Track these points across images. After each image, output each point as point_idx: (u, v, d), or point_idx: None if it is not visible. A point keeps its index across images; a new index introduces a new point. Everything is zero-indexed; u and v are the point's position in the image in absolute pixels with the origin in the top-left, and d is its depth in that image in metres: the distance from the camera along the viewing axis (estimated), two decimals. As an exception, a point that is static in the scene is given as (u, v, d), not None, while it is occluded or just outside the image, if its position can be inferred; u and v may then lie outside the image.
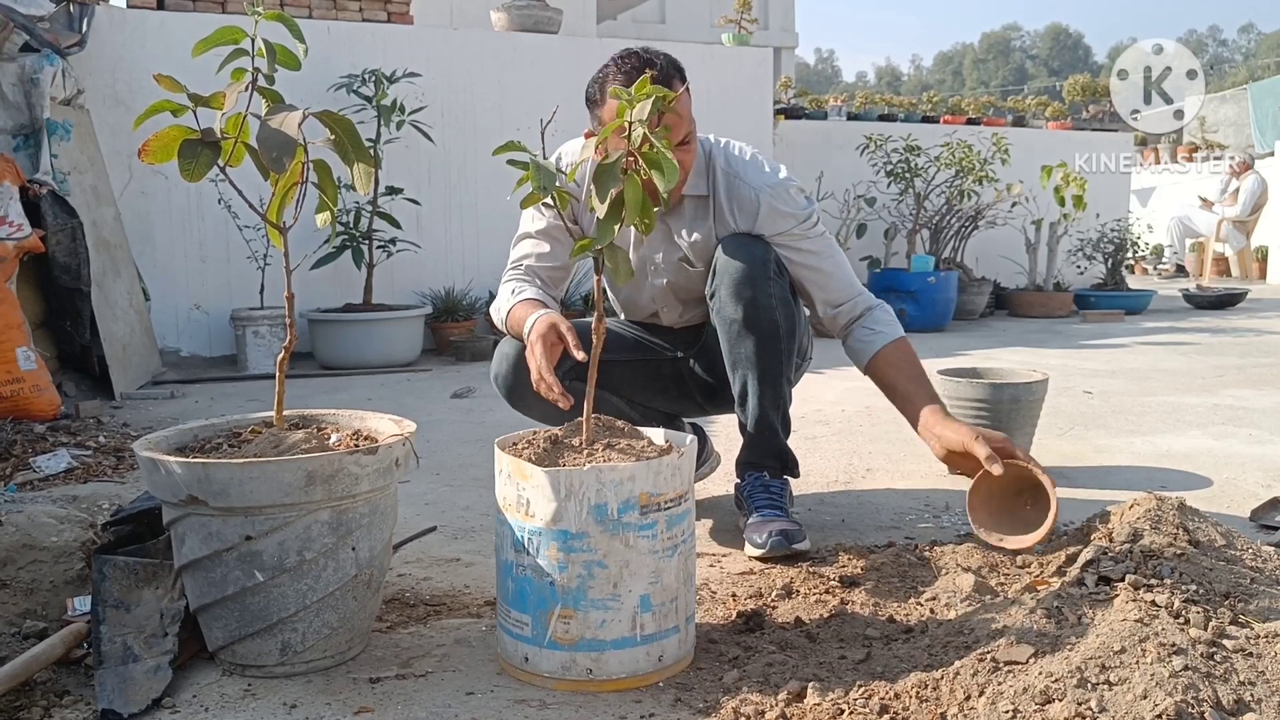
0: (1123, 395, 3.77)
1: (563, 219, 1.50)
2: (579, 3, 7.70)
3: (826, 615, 1.60)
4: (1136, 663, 1.15)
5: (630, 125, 1.35)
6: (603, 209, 1.36)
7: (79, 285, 3.61)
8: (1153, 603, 1.28)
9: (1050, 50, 62.09)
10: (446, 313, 5.12)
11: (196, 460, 1.36)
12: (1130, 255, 7.52)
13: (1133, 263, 8.89)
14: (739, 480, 2.10)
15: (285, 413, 1.55)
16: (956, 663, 1.28)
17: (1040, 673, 1.17)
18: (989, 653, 1.26)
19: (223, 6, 5.13)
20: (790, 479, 2.10)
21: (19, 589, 1.60)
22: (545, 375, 1.69)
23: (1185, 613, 1.26)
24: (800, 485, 2.39)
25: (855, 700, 1.26)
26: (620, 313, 2.31)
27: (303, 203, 1.45)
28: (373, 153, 4.63)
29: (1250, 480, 2.52)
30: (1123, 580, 1.37)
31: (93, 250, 3.69)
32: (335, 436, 1.52)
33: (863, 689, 1.29)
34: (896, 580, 1.77)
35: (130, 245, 4.52)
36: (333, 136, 1.40)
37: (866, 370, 2.04)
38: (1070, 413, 3.42)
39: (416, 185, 5.20)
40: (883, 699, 1.26)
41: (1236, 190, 10.09)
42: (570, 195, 1.87)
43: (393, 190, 4.89)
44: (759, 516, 1.97)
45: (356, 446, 1.45)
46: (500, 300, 2.04)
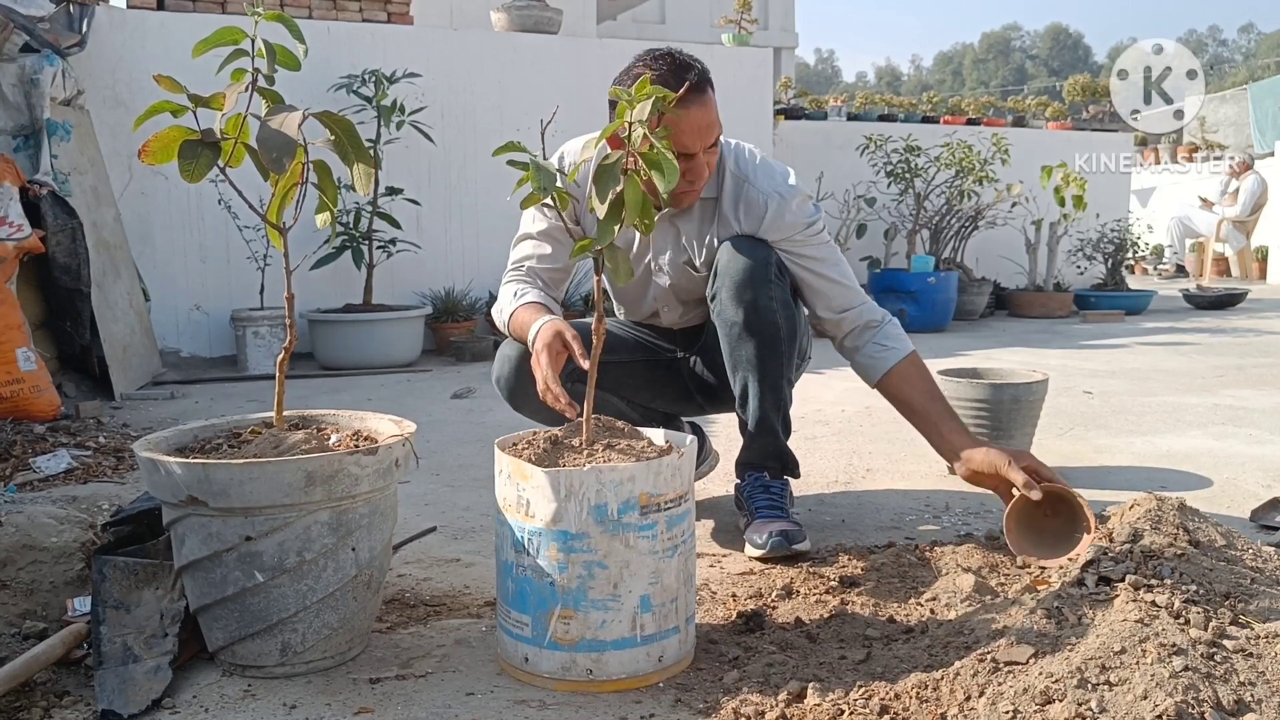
0: (1123, 395, 3.77)
1: (563, 219, 1.50)
2: (579, 3, 7.70)
3: (827, 615, 1.60)
4: (1137, 663, 1.15)
5: (630, 125, 1.35)
6: (603, 209, 1.36)
7: (79, 286, 3.61)
8: (1153, 603, 1.28)
9: (1050, 50, 62.09)
10: (446, 313, 5.12)
11: (196, 461, 1.36)
12: (1130, 255, 7.52)
13: (1133, 263, 8.89)
14: (739, 481, 2.10)
15: (285, 413, 1.55)
16: (957, 663, 1.28)
17: (1040, 673, 1.17)
18: (989, 653, 1.26)
19: (223, 7, 5.13)
20: (790, 479, 2.10)
21: (19, 589, 1.60)
22: (551, 385, 1.68)
23: (1185, 613, 1.26)
24: (800, 485, 2.39)
25: (855, 701, 1.26)
26: (620, 312, 2.31)
27: (303, 203, 1.45)
28: (373, 153, 4.63)
29: (1250, 480, 2.52)
30: (1123, 580, 1.37)
31: (93, 251, 3.69)
32: (335, 437, 1.52)
33: (863, 689, 1.29)
34: (897, 580, 1.77)
35: (130, 246, 4.53)
36: (333, 137, 1.40)
37: (878, 386, 2.02)
38: (1070, 413, 3.42)
39: (416, 185, 5.20)
40: (883, 699, 1.26)
41: (1236, 190, 10.09)
42: (570, 196, 1.87)
43: (393, 191, 4.89)
44: (759, 517, 1.97)
45: (356, 447, 1.45)
46: (502, 302, 2.03)
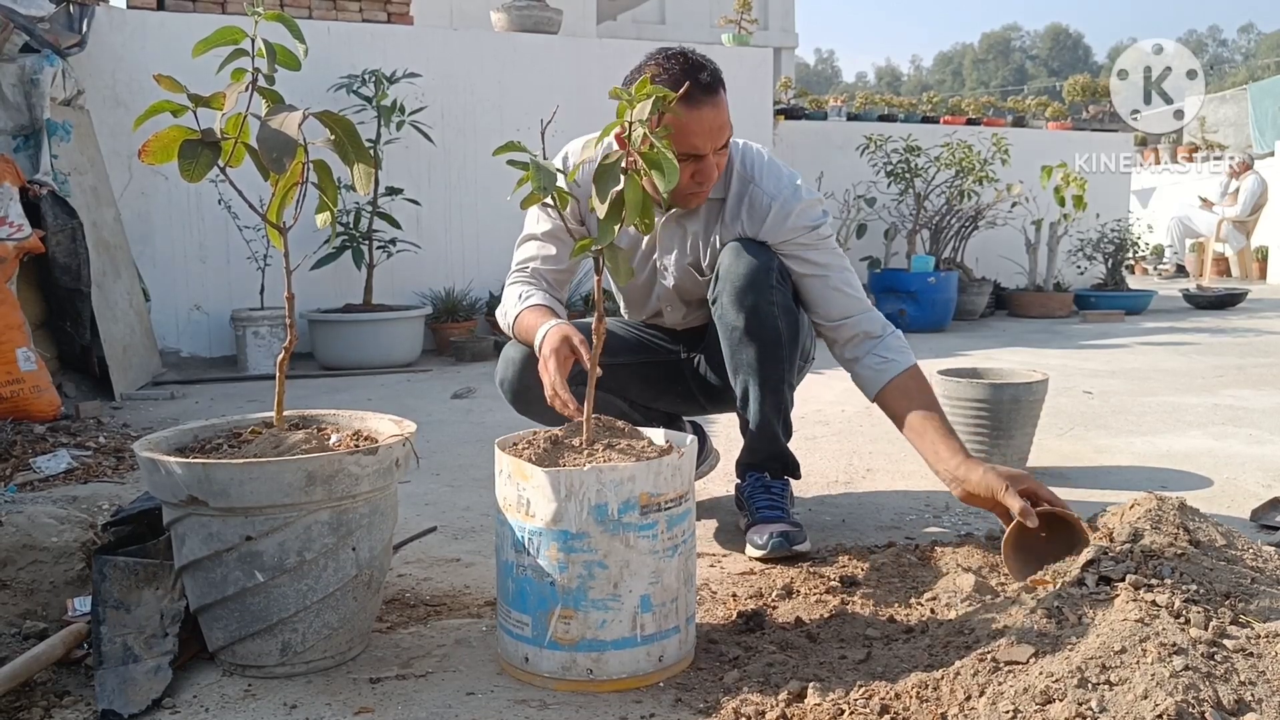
0: (1123, 395, 3.77)
1: (563, 219, 1.49)
2: (579, 3, 7.71)
3: (827, 615, 1.60)
4: (1137, 663, 1.15)
5: (630, 125, 1.35)
6: (603, 209, 1.36)
7: (79, 286, 3.62)
8: (1153, 603, 1.28)
9: (1050, 50, 62.09)
10: (447, 313, 5.12)
11: (197, 461, 1.36)
12: (1130, 255, 7.52)
13: (1133, 263, 8.89)
14: (740, 481, 2.11)
15: (285, 413, 1.55)
16: (957, 663, 1.27)
17: (1041, 673, 1.17)
18: (989, 653, 1.26)
19: (223, 7, 5.13)
20: (791, 480, 2.10)
21: (19, 589, 1.60)
22: (560, 392, 1.67)
23: (1186, 613, 1.26)
24: (800, 486, 2.39)
25: (856, 700, 1.26)
26: (624, 310, 2.30)
27: (303, 203, 1.45)
28: (373, 153, 4.63)
29: (1250, 480, 2.52)
30: (1123, 580, 1.37)
31: (93, 251, 3.69)
32: (335, 437, 1.52)
33: (863, 689, 1.29)
34: (897, 580, 1.77)
35: (130, 246, 4.53)
36: (333, 137, 1.40)
37: (876, 400, 1.95)
38: (1070, 413, 3.42)
39: (416, 186, 5.20)
40: (883, 699, 1.26)
41: (1236, 190, 10.09)
42: (572, 196, 1.87)
43: (393, 191, 4.89)
44: (760, 518, 1.97)
45: (357, 447, 1.45)
46: (507, 304, 2.02)
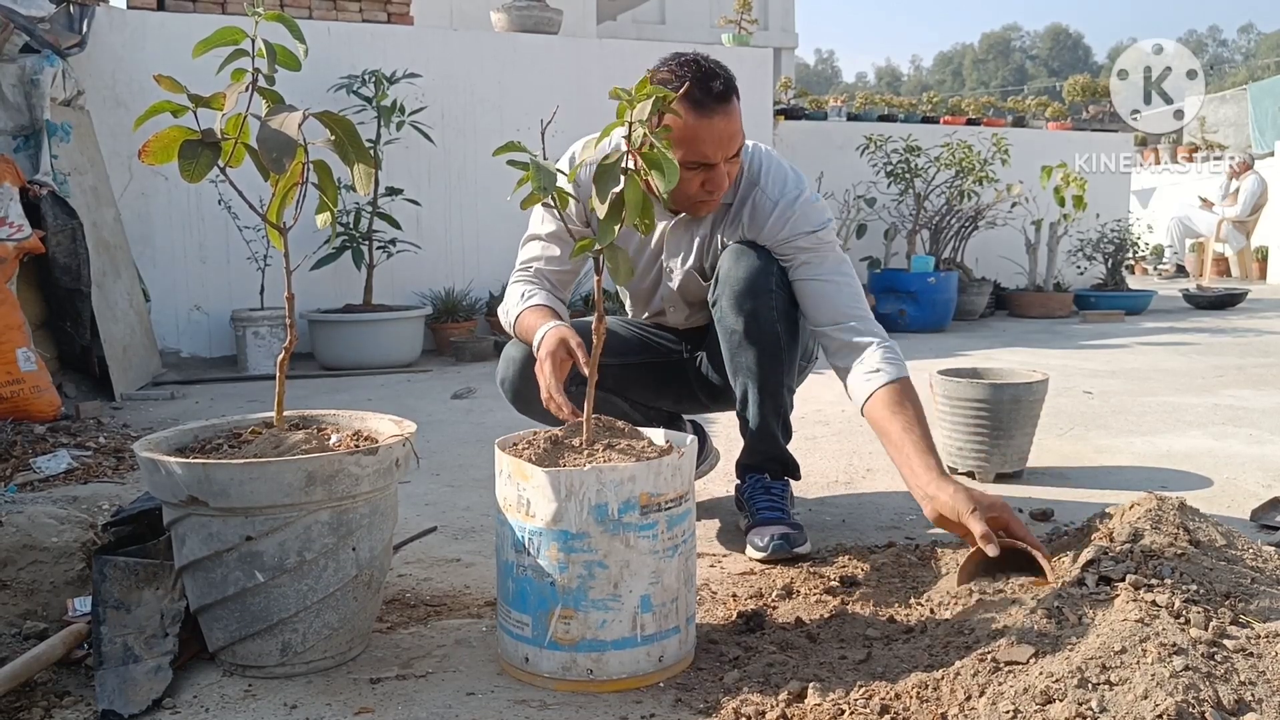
0: (1123, 395, 3.77)
1: (563, 219, 1.49)
2: (579, 3, 7.71)
3: (827, 615, 1.61)
4: (1137, 663, 1.15)
5: (630, 125, 1.35)
6: (603, 209, 1.36)
7: (79, 286, 3.62)
8: (1153, 603, 1.28)
9: (1050, 50, 62.10)
10: (447, 313, 5.12)
11: (197, 461, 1.36)
12: (1130, 255, 7.52)
13: (1133, 263, 8.89)
14: (740, 482, 2.11)
15: (285, 413, 1.55)
16: (957, 663, 1.27)
17: (1041, 673, 1.17)
18: (989, 653, 1.26)
19: (223, 7, 5.13)
20: (791, 480, 2.10)
21: (19, 590, 1.60)
22: (555, 395, 1.68)
23: (1186, 613, 1.26)
24: (800, 486, 2.39)
25: (856, 700, 1.26)
26: (628, 306, 2.30)
27: (303, 203, 1.45)
28: (373, 153, 4.63)
29: (1250, 480, 2.52)
30: (1123, 580, 1.37)
31: (93, 251, 3.69)
32: (335, 437, 1.52)
33: (863, 689, 1.29)
34: (897, 580, 1.77)
35: (130, 246, 4.53)
36: (333, 137, 1.40)
37: (864, 411, 1.87)
38: (1070, 413, 3.42)
39: (416, 186, 5.20)
40: (883, 699, 1.26)
41: (1236, 190, 10.09)
42: (573, 196, 1.87)
43: (393, 191, 4.89)
44: (760, 519, 1.97)
45: (357, 447, 1.45)
46: (509, 303, 2.02)
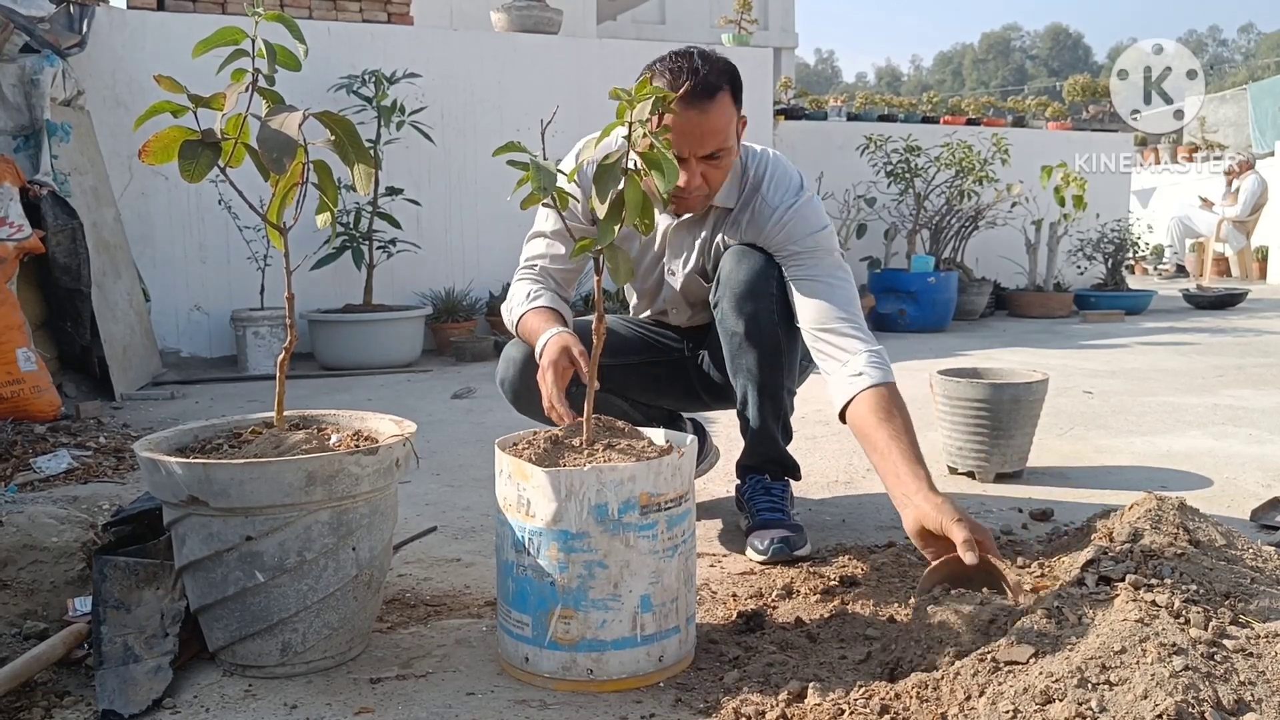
0: (1123, 395, 3.77)
1: (563, 219, 1.50)
2: (579, 3, 7.71)
3: (827, 615, 1.61)
4: (1137, 663, 1.15)
5: (631, 125, 1.35)
6: (603, 209, 1.36)
7: (79, 286, 3.62)
8: (1153, 603, 1.28)
9: (1050, 50, 62.10)
10: (447, 313, 5.12)
11: (197, 461, 1.36)
12: (1130, 255, 7.52)
13: (1133, 263, 8.89)
14: (740, 483, 2.11)
15: (286, 413, 1.55)
16: (957, 663, 1.27)
17: (1040, 673, 1.17)
18: (989, 653, 1.26)
19: (223, 7, 5.13)
20: (791, 481, 2.10)
21: (20, 589, 1.60)
22: (556, 404, 1.67)
23: (1185, 613, 1.26)
24: (801, 486, 2.39)
25: (856, 700, 1.26)
26: (631, 303, 2.29)
27: (303, 203, 1.45)
28: (373, 153, 4.63)
29: (1250, 480, 2.52)
30: (1123, 580, 1.37)
31: (93, 251, 3.69)
32: (335, 437, 1.52)
33: (863, 689, 1.29)
34: (897, 580, 1.77)
35: (130, 246, 4.53)
36: (333, 137, 1.40)
37: (845, 415, 1.80)
38: (1070, 413, 3.42)
39: (416, 186, 5.20)
40: (883, 699, 1.26)
41: (1236, 190, 10.09)
42: (574, 195, 1.87)
43: (393, 191, 4.89)
44: (761, 520, 1.97)
45: (357, 447, 1.45)
46: (513, 301, 2.01)
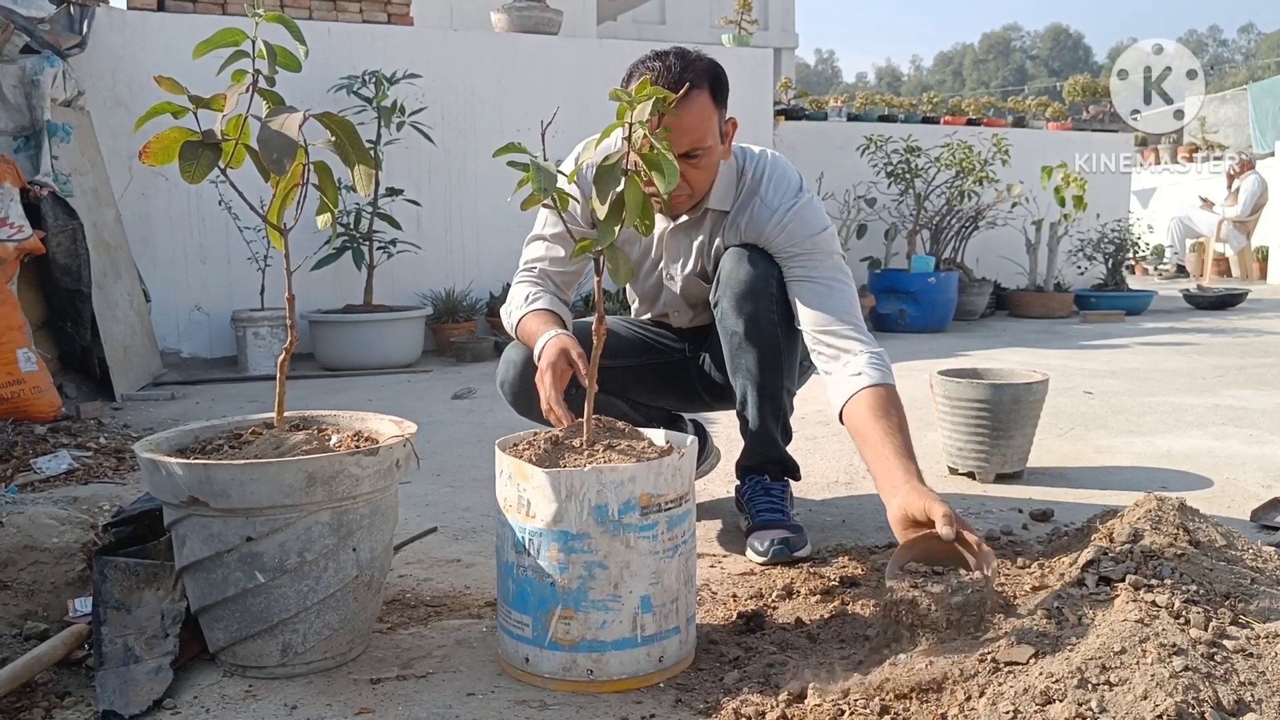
0: (1123, 395, 3.77)
1: (563, 220, 1.50)
2: (579, 4, 7.71)
3: (827, 616, 1.61)
4: (1137, 663, 1.15)
5: (630, 126, 1.35)
6: (603, 210, 1.36)
7: (79, 287, 3.62)
8: (1153, 603, 1.28)
9: (1050, 50, 62.10)
10: (447, 314, 5.12)
11: (198, 461, 1.36)
12: (1131, 256, 7.52)
13: (1133, 263, 8.89)
14: (739, 484, 2.11)
15: (286, 414, 1.55)
16: (949, 659, 1.27)
17: (1041, 673, 1.17)
18: (989, 653, 1.26)
19: (223, 8, 5.13)
20: (791, 481, 2.10)
21: (20, 590, 1.60)
22: (555, 406, 1.67)
23: (1185, 613, 1.26)
24: (801, 486, 2.39)
25: (856, 701, 1.26)
26: (633, 305, 2.29)
27: (303, 204, 1.46)
28: (373, 154, 4.60)
29: (1250, 480, 2.52)
30: (1123, 581, 1.37)
31: (93, 252, 3.69)
32: (336, 438, 1.52)
33: (863, 689, 1.29)
34: (897, 581, 1.77)
35: (131, 246, 4.53)
36: (333, 138, 1.40)
37: (843, 415, 1.78)
38: (1070, 413, 3.42)
39: (417, 186, 5.20)
40: (883, 700, 1.26)
41: (1237, 190, 10.09)
42: (574, 196, 1.87)
43: (393, 191, 4.89)
44: (760, 521, 1.97)
45: (357, 448, 1.45)
46: (512, 303, 2.01)
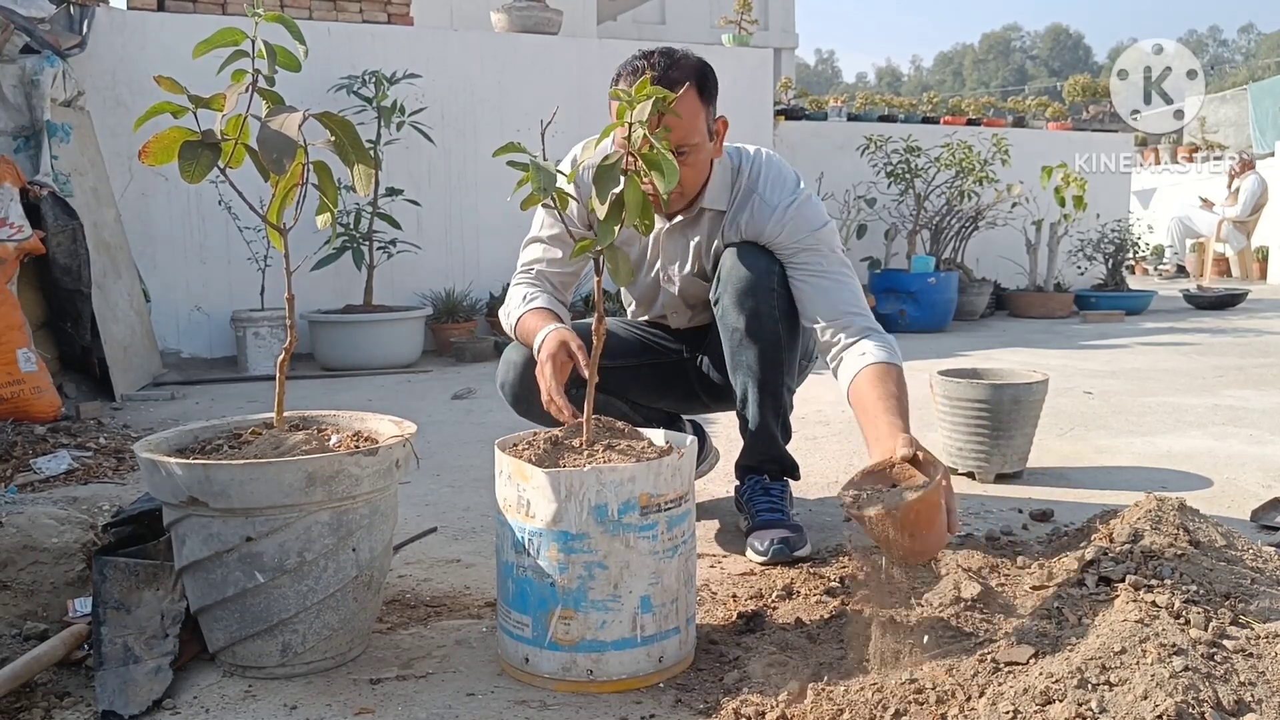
0: (1123, 395, 3.77)
1: (562, 220, 1.50)
2: (579, 3, 7.71)
3: (827, 616, 1.61)
4: (1137, 663, 1.15)
5: (630, 126, 1.35)
6: (603, 210, 1.36)
7: (79, 287, 3.62)
8: (1153, 603, 1.28)
9: (1050, 50, 62.12)
10: (447, 314, 5.12)
11: (197, 461, 1.36)
12: (1131, 256, 7.52)
13: (1133, 263, 8.89)
14: (739, 484, 2.11)
15: (286, 414, 1.55)
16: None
17: (1041, 673, 1.17)
18: (989, 653, 1.26)
19: (223, 8, 5.13)
20: (791, 481, 2.10)
21: (20, 590, 1.60)
22: (555, 397, 1.68)
23: (1185, 613, 1.26)
24: (801, 486, 2.39)
25: (856, 701, 1.26)
26: (630, 308, 2.29)
27: (303, 204, 1.46)
28: (373, 154, 4.62)
29: (1250, 480, 2.51)
30: (1123, 581, 1.37)
31: (93, 251, 3.69)
32: (335, 438, 1.52)
33: (863, 689, 1.29)
34: (898, 580, 1.77)
35: (131, 246, 4.53)
36: (333, 138, 1.40)
37: (848, 394, 1.78)
38: (1070, 413, 3.42)
39: (417, 186, 5.20)
40: (884, 700, 1.26)
41: (1237, 190, 10.09)
42: (574, 197, 1.86)
43: (393, 191, 4.89)
44: (760, 521, 1.97)
45: (357, 448, 1.45)
46: (510, 305, 2.02)
